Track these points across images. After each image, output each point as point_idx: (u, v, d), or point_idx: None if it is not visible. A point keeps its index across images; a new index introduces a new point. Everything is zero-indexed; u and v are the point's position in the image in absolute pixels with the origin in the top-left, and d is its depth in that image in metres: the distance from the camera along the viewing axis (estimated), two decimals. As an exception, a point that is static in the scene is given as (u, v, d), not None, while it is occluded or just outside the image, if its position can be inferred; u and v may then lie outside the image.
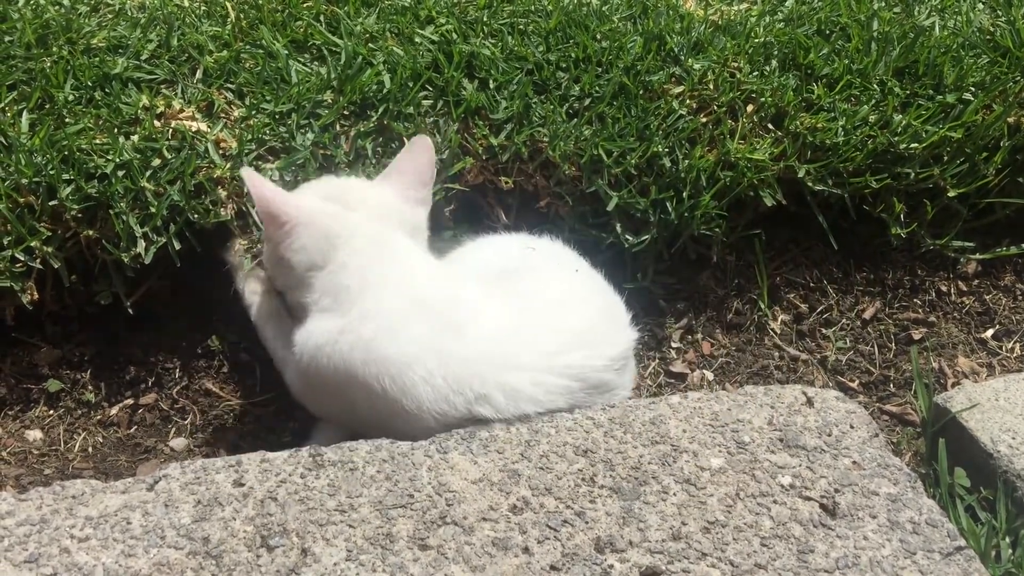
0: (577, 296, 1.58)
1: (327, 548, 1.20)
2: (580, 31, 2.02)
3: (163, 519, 1.22)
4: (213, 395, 1.71)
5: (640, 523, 1.26)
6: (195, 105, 1.75)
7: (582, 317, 1.53)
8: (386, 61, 1.87)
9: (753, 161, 1.84)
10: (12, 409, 1.64)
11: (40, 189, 1.57)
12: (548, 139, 1.81)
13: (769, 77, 1.97)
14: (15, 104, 1.71)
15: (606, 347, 1.49)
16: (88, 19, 1.95)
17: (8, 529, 1.20)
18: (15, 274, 1.55)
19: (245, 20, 1.99)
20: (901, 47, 2.08)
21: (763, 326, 1.93)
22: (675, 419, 1.44)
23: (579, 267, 1.64)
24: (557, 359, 1.44)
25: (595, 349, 1.47)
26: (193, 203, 1.63)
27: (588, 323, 1.52)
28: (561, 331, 1.48)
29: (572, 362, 1.45)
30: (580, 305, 1.56)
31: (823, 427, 1.43)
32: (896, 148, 1.91)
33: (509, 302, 1.51)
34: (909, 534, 1.27)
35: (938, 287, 2.02)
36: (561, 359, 1.44)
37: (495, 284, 1.55)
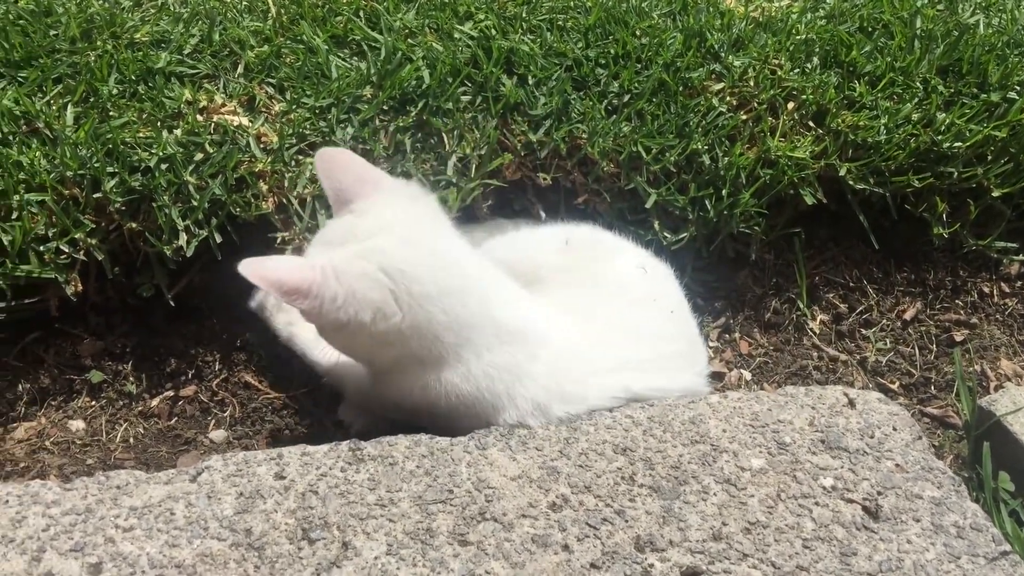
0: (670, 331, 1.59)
1: (368, 542, 1.20)
2: (619, 27, 2.01)
3: (206, 510, 1.23)
4: (252, 388, 1.72)
5: (680, 523, 1.25)
6: (237, 100, 1.77)
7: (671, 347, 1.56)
8: (425, 57, 1.87)
9: (794, 159, 1.83)
10: (56, 399, 1.66)
11: (85, 182, 1.59)
12: (587, 135, 1.80)
13: (810, 74, 1.95)
14: (60, 97, 1.73)
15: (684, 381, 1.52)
16: (131, 14, 1.97)
17: (54, 518, 1.21)
18: (60, 265, 1.57)
19: (286, 15, 2.00)
20: (945, 45, 2.05)
21: (802, 326, 1.91)
22: (715, 419, 1.43)
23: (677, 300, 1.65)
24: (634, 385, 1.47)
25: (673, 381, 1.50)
26: (234, 197, 1.64)
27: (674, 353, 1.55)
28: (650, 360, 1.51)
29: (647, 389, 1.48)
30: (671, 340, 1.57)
31: (865, 429, 1.41)
32: (939, 147, 1.89)
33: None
34: (953, 538, 1.26)
35: (980, 288, 2.00)
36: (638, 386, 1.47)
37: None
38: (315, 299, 1.29)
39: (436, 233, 1.44)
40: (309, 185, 1.67)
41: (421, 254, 1.37)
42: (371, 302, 1.32)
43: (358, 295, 1.31)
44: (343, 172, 1.42)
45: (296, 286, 1.28)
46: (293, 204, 1.67)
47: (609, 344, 1.49)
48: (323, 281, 1.29)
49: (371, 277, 1.33)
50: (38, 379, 1.66)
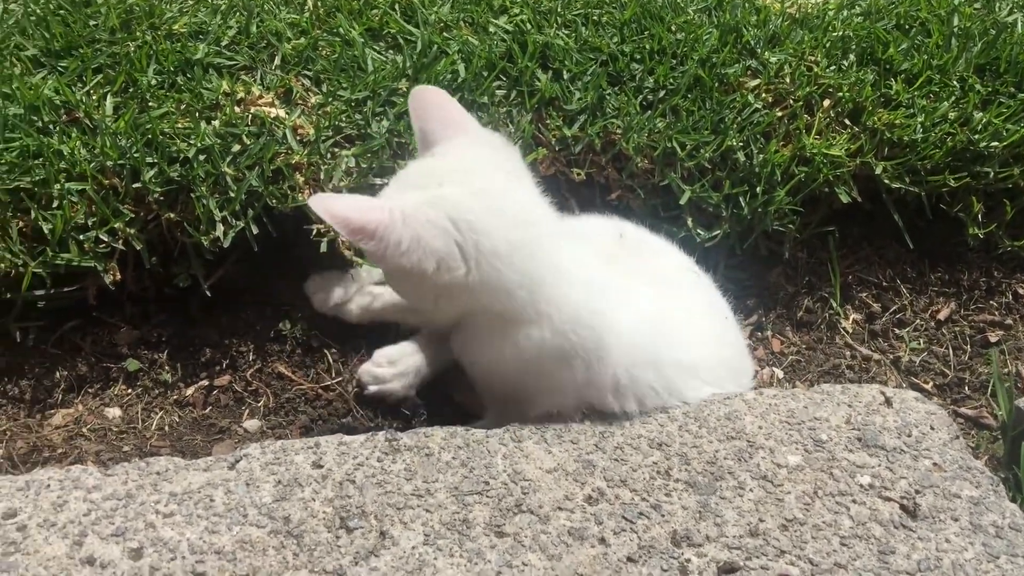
0: (725, 337, 1.60)
1: (405, 532, 1.21)
2: (655, 22, 2.01)
3: (244, 497, 1.24)
4: (285, 378, 1.73)
5: (717, 518, 1.25)
6: (274, 91, 1.77)
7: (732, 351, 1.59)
8: (460, 50, 1.88)
9: (829, 157, 1.82)
10: (92, 387, 1.67)
11: (124, 172, 1.60)
12: (621, 131, 1.80)
13: (847, 72, 1.94)
14: (100, 87, 1.74)
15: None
16: (170, 5, 1.98)
17: (95, 503, 1.22)
18: (99, 254, 1.58)
19: (322, 8, 2.01)
20: (982, 43, 2.04)
21: (834, 325, 1.91)
22: (750, 415, 1.43)
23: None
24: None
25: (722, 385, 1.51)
26: (271, 188, 1.64)
27: (728, 359, 1.57)
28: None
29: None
30: (726, 346, 1.59)
31: (902, 428, 1.41)
32: (976, 146, 1.87)
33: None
34: (992, 538, 1.25)
35: (1015, 289, 1.98)
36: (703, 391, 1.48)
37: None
38: (380, 241, 1.26)
39: (512, 186, 1.40)
40: (345, 178, 1.68)
41: (492, 207, 1.33)
42: (435, 251, 1.30)
43: (422, 242, 1.29)
44: (431, 112, 1.41)
45: (362, 225, 1.25)
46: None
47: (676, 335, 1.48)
48: (390, 223, 1.27)
49: (437, 225, 1.30)
50: (75, 367, 1.67)
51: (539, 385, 1.41)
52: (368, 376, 1.66)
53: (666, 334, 1.46)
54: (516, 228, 1.34)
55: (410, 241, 1.28)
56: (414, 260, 1.29)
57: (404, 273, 1.32)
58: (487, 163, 1.40)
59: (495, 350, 1.40)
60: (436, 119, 1.41)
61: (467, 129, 1.42)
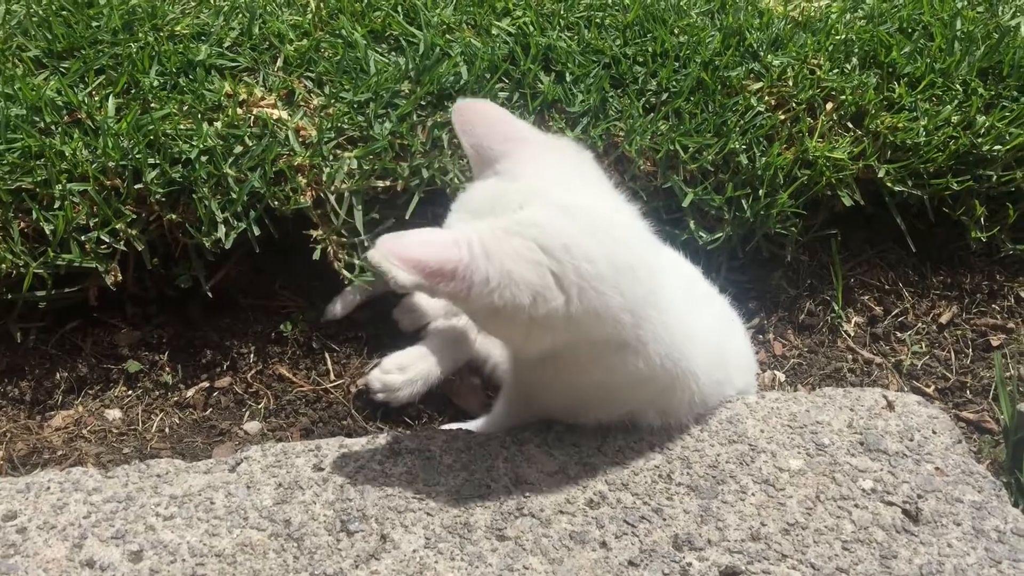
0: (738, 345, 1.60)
1: (406, 535, 1.20)
2: (658, 25, 2.00)
3: (245, 500, 1.24)
4: (286, 380, 1.72)
5: (718, 522, 1.25)
6: (276, 93, 1.77)
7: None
8: (463, 52, 1.87)
9: (832, 160, 1.82)
10: (93, 388, 1.67)
11: (126, 172, 1.60)
12: (624, 133, 1.80)
13: (849, 75, 1.94)
14: (102, 88, 1.74)
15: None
16: (172, 6, 1.98)
17: (95, 505, 1.22)
18: (100, 255, 1.58)
19: (325, 10, 2.01)
20: (985, 47, 2.03)
21: (836, 328, 1.90)
22: (752, 419, 1.42)
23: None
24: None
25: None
26: (273, 190, 1.64)
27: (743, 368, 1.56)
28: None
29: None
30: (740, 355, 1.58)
31: (904, 432, 1.40)
32: (979, 150, 1.87)
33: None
34: (994, 543, 1.24)
35: (1017, 293, 1.98)
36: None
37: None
38: (463, 281, 1.11)
39: (598, 199, 1.25)
40: (347, 180, 1.68)
41: (585, 226, 1.17)
42: (529, 284, 1.14)
43: (513, 276, 1.13)
44: (484, 127, 1.26)
45: (440, 267, 1.10)
46: (330, 198, 1.67)
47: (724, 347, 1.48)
48: (471, 260, 1.11)
49: (527, 256, 1.14)
50: (76, 368, 1.67)
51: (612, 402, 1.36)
52: (377, 383, 1.65)
53: (722, 348, 1.46)
54: (617, 247, 1.19)
55: (499, 276, 1.12)
56: (507, 297, 1.13)
57: (494, 311, 1.15)
58: (565, 175, 1.24)
59: (580, 374, 1.28)
60: (490, 134, 1.26)
61: (528, 139, 1.27)
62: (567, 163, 1.27)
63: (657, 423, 1.38)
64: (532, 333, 1.19)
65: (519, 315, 1.15)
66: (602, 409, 1.37)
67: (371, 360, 1.75)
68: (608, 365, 1.25)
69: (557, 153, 1.28)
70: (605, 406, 1.36)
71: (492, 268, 1.12)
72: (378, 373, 1.66)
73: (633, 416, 1.38)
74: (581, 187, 1.24)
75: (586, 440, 1.37)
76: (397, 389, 1.64)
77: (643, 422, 1.38)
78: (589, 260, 1.16)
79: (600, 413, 1.37)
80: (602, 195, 1.28)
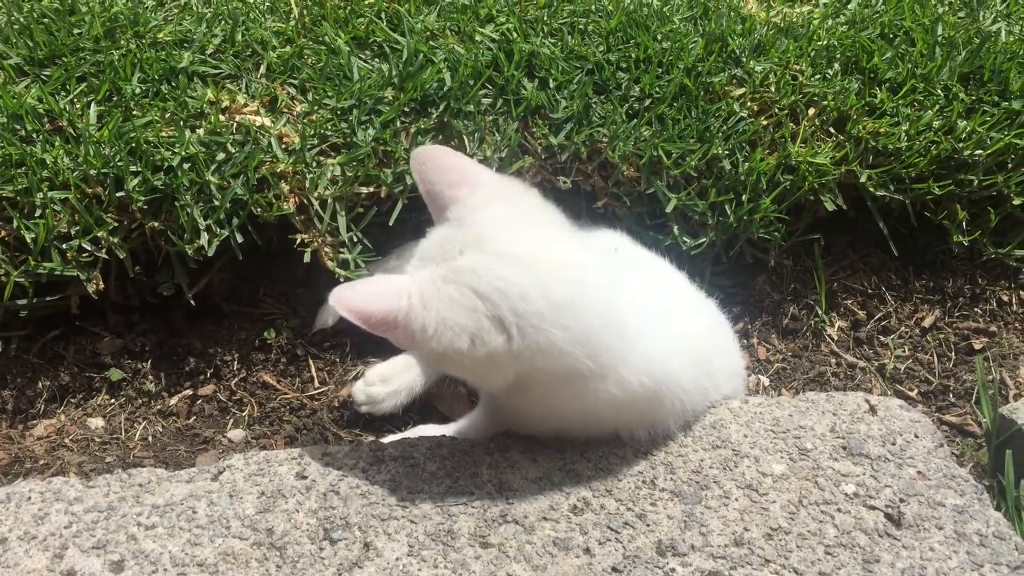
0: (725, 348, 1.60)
1: (389, 543, 1.20)
2: (641, 31, 2.01)
3: (228, 509, 1.23)
4: (270, 388, 1.72)
5: (702, 527, 1.25)
6: (259, 100, 1.77)
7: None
8: (447, 59, 1.87)
9: (814, 165, 1.82)
10: (75, 397, 1.66)
11: (108, 180, 1.59)
12: (607, 139, 1.80)
13: (831, 80, 1.95)
14: (84, 96, 1.73)
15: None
16: (154, 13, 1.97)
17: (77, 515, 1.22)
18: (82, 263, 1.57)
19: (308, 16, 2.01)
20: (966, 52, 2.05)
21: (820, 332, 1.91)
22: (736, 424, 1.43)
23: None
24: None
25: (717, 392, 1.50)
26: (256, 197, 1.64)
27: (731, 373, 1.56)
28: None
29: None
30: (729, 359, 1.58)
31: (887, 436, 1.41)
32: (960, 154, 1.88)
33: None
34: (976, 546, 1.25)
35: (999, 297, 1.99)
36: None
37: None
38: (405, 329, 1.18)
39: (541, 238, 1.27)
40: (330, 186, 1.67)
41: (523, 267, 1.21)
42: (464, 328, 1.18)
43: (448, 323, 1.18)
44: (436, 173, 1.30)
45: (383, 317, 1.18)
46: (314, 205, 1.67)
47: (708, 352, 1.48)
48: (409, 310, 1.18)
49: (462, 304, 1.18)
50: (58, 377, 1.66)
51: (590, 423, 1.36)
52: (361, 395, 1.65)
53: (708, 355, 1.46)
54: (557, 286, 1.21)
55: (435, 324, 1.18)
56: (445, 342, 1.18)
57: (439, 355, 1.21)
58: (507, 220, 1.27)
59: (555, 400, 1.31)
60: (441, 181, 1.30)
61: (476, 183, 1.30)
62: (512, 207, 1.30)
63: (646, 436, 1.38)
64: (481, 372, 1.26)
65: (462, 359, 1.19)
66: (586, 430, 1.37)
67: (355, 368, 1.74)
68: (575, 392, 1.27)
69: (503, 196, 1.31)
70: (589, 427, 1.37)
71: (428, 316, 1.18)
72: (361, 385, 1.65)
73: (620, 432, 1.38)
74: (525, 229, 1.27)
75: (570, 446, 1.37)
76: (381, 401, 1.64)
77: (632, 437, 1.38)
78: (525, 299, 1.19)
79: (584, 433, 1.38)
80: (547, 233, 1.30)
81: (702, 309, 1.57)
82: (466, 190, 1.29)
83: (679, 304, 1.51)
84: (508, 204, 1.30)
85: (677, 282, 1.59)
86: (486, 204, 1.28)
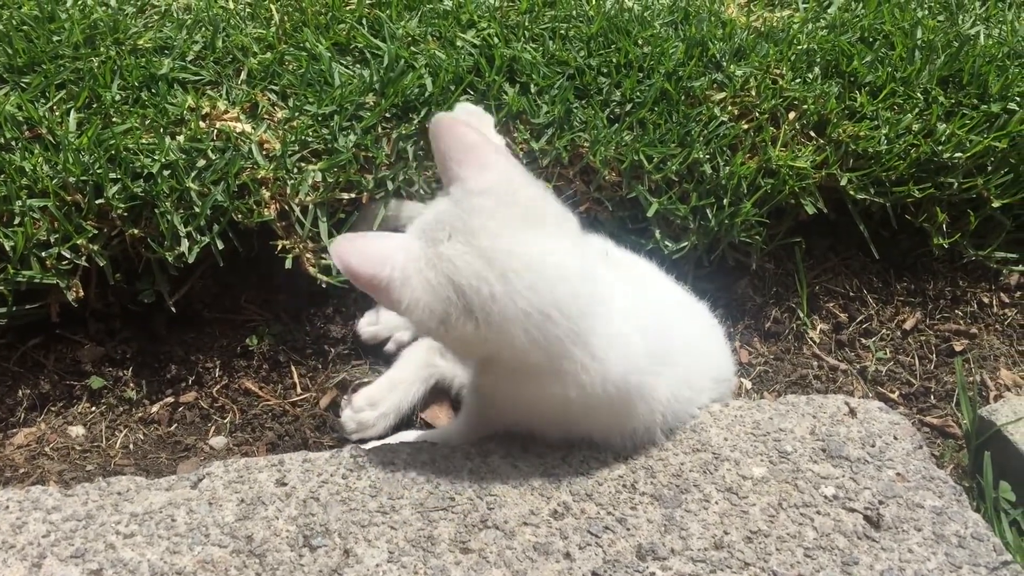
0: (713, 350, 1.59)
1: (369, 549, 1.20)
2: (622, 36, 2.01)
3: (207, 517, 1.23)
4: (252, 394, 1.72)
5: (682, 531, 1.25)
6: (239, 106, 1.77)
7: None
8: (428, 64, 1.88)
9: (795, 169, 1.83)
10: (56, 405, 1.66)
11: (87, 188, 1.59)
12: (589, 144, 1.81)
13: (811, 84, 1.96)
14: (63, 103, 1.73)
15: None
16: (134, 20, 1.97)
17: (55, 524, 1.21)
18: (61, 271, 1.57)
19: (289, 22, 2.01)
20: (945, 56, 2.06)
21: (802, 335, 1.92)
22: (716, 427, 1.43)
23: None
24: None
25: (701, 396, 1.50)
26: (237, 203, 1.64)
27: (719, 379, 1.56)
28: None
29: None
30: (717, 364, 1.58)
31: (866, 438, 1.41)
32: (940, 157, 1.89)
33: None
34: (955, 548, 1.26)
35: (980, 299, 2.00)
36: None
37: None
38: (385, 294, 1.23)
39: (525, 239, 1.25)
40: (311, 192, 1.67)
41: (499, 271, 1.21)
42: (435, 313, 1.22)
43: (422, 304, 1.22)
44: (448, 147, 1.29)
45: (368, 280, 1.22)
46: (295, 211, 1.67)
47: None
48: (390, 282, 1.22)
49: (438, 290, 1.22)
50: (38, 385, 1.66)
51: (562, 417, 1.36)
52: (352, 423, 1.64)
53: (694, 364, 1.46)
54: (528, 293, 1.22)
55: (410, 301, 1.22)
56: (416, 318, 1.24)
57: (415, 322, 1.26)
58: (499, 214, 1.25)
59: (526, 393, 1.32)
60: (451, 155, 1.29)
61: (484, 165, 1.28)
62: (509, 197, 1.27)
63: (620, 443, 1.39)
64: (453, 346, 1.34)
65: (433, 333, 1.26)
66: (559, 428, 1.37)
67: (338, 375, 1.74)
68: (539, 386, 1.28)
69: (505, 184, 1.28)
70: (560, 425, 1.37)
71: (405, 292, 1.22)
72: (350, 413, 1.65)
73: (594, 436, 1.38)
74: (514, 226, 1.25)
75: (551, 451, 1.37)
76: (371, 426, 1.64)
77: (607, 442, 1.38)
78: (495, 301, 1.21)
79: (560, 432, 1.38)
80: (536, 236, 1.26)
81: (690, 317, 1.56)
82: (473, 171, 1.27)
83: (670, 312, 1.51)
84: (506, 196, 1.27)
85: (665, 289, 1.59)
86: (485, 192, 1.26)
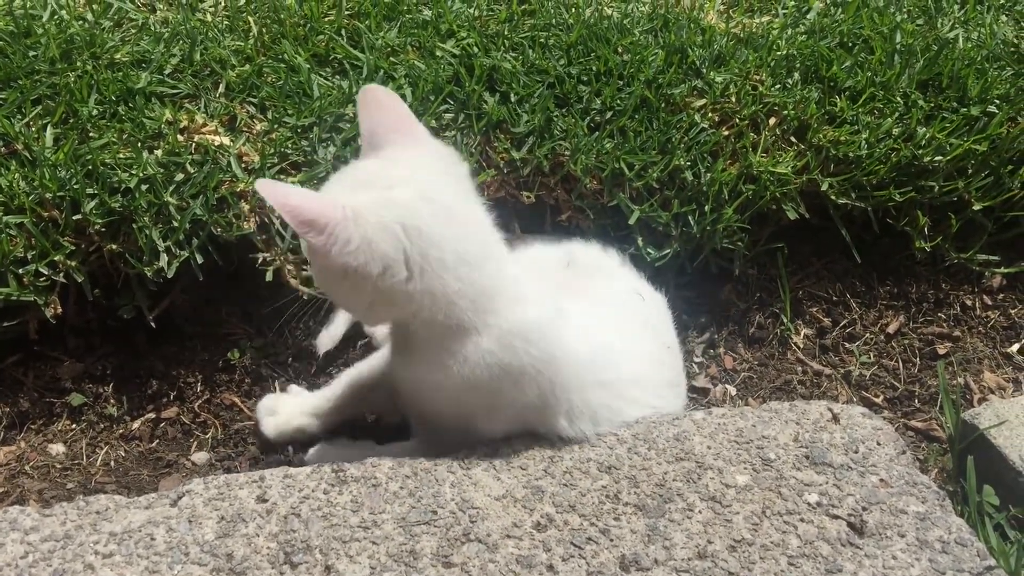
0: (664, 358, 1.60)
1: (350, 565, 1.19)
2: (601, 44, 2.01)
3: (187, 535, 1.22)
4: (235, 409, 1.70)
5: (665, 541, 1.25)
6: (218, 119, 1.76)
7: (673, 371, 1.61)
8: (407, 75, 1.87)
9: (776, 174, 1.83)
10: (35, 423, 1.64)
11: (64, 203, 1.58)
12: (569, 152, 1.80)
13: (791, 90, 1.96)
14: (40, 119, 1.71)
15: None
16: (111, 34, 1.96)
17: (33, 544, 1.20)
18: (39, 288, 1.55)
19: (267, 35, 2.00)
20: (925, 59, 2.07)
21: (786, 340, 1.91)
22: (699, 435, 1.43)
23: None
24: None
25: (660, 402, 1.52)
26: (216, 217, 1.63)
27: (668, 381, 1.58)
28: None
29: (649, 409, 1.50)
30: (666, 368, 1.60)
31: (850, 444, 1.41)
32: (920, 161, 1.90)
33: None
34: (938, 553, 1.25)
35: (963, 301, 2.00)
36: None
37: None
38: (330, 237, 1.22)
39: (460, 197, 1.36)
40: (291, 204, 1.66)
41: (443, 217, 1.30)
42: (383, 256, 1.25)
43: (372, 245, 1.24)
44: (382, 114, 1.36)
45: (314, 218, 1.21)
46: (275, 223, 1.66)
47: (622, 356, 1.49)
48: (342, 221, 1.22)
49: (389, 229, 1.26)
50: (17, 403, 1.64)
51: (483, 405, 1.37)
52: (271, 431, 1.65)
53: (614, 355, 1.46)
54: (466, 240, 1.32)
55: (359, 242, 1.24)
56: (360, 261, 1.24)
57: (344, 273, 1.26)
58: (439, 173, 1.35)
59: (439, 366, 1.33)
60: (386, 122, 1.36)
61: (417, 137, 1.38)
62: (445, 166, 1.38)
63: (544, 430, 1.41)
64: (373, 303, 1.31)
65: (366, 283, 1.27)
66: (490, 416, 1.39)
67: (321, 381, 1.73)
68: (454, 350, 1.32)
69: (439, 155, 1.39)
70: (491, 412, 1.38)
71: (356, 233, 1.24)
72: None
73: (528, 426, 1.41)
74: (448, 185, 1.35)
75: (533, 463, 1.36)
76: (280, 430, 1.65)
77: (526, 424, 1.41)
78: (436, 246, 1.28)
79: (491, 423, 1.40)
80: (467, 197, 1.38)
81: (640, 330, 1.59)
82: (406, 139, 1.36)
83: (615, 315, 1.55)
84: (442, 163, 1.38)
85: (627, 297, 1.61)
86: (422, 155, 1.36)
